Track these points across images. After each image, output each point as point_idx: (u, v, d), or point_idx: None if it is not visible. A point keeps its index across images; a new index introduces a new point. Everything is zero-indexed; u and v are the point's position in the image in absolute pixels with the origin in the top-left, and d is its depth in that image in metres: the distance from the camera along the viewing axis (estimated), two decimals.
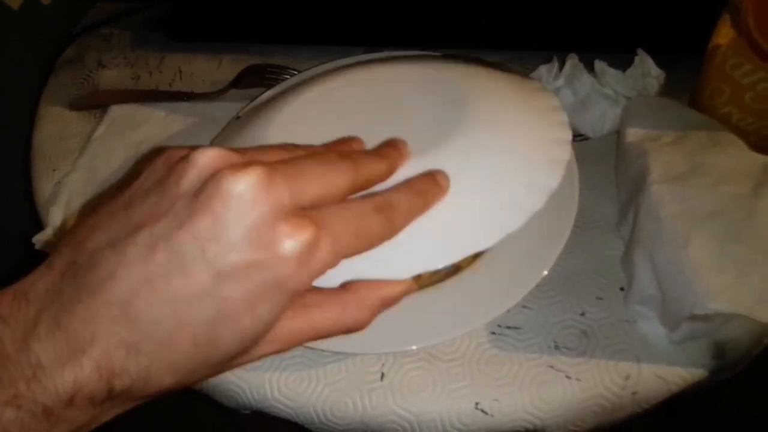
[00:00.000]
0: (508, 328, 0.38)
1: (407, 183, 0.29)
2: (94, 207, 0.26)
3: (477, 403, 0.35)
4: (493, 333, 0.38)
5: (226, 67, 0.56)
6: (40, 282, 0.23)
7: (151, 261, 0.22)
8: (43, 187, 0.50)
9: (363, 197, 0.27)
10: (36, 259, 0.44)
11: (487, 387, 0.36)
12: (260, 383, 0.37)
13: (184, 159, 0.24)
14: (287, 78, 0.52)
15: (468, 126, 0.34)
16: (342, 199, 0.26)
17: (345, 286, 0.28)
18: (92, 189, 0.48)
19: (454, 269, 0.38)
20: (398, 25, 0.56)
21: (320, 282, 0.25)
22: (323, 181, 0.25)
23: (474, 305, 0.36)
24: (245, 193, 0.22)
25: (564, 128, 0.36)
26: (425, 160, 0.31)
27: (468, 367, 0.37)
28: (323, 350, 0.37)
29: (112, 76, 0.57)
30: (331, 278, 0.26)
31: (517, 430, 0.36)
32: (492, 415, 0.35)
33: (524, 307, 0.38)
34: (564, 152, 0.34)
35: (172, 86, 0.56)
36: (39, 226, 0.47)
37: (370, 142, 0.32)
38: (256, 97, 0.49)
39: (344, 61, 0.50)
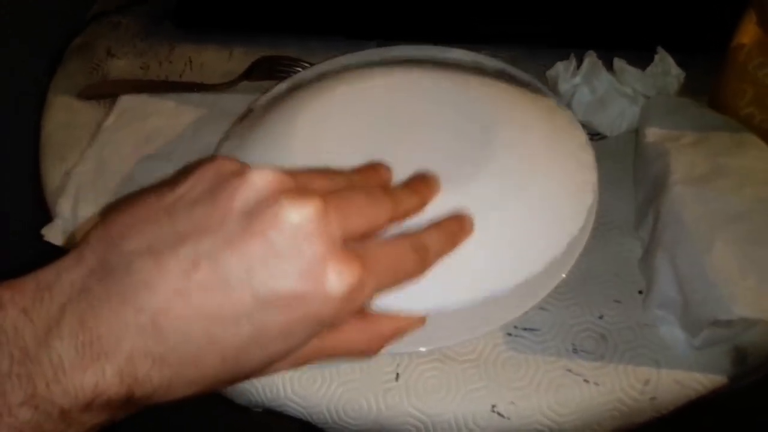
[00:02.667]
0: (525, 329, 0.37)
1: (438, 224, 0.30)
2: (128, 201, 0.25)
3: (493, 406, 0.35)
4: (510, 334, 0.37)
5: (237, 58, 0.55)
6: (66, 275, 0.22)
7: (191, 276, 0.22)
8: (52, 177, 0.49)
9: (401, 236, 0.28)
10: (44, 249, 0.43)
11: (504, 389, 0.35)
12: (273, 382, 0.37)
13: (239, 175, 0.24)
14: (299, 71, 0.51)
15: (497, 166, 0.35)
16: (379, 231, 0.27)
17: (364, 315, 0.28)
18: (101, 180, 0.48)
19: None
20: (412, 20, 0.55)
21: None
22: (369, 216, 0.26)
23: (491, 307, 0.35)
24: (303, 225, 0.23)
25: (591, 169, 0.37)
26: (453, 198, 0.32)
27: (484, 368, 0.36)
28: None
29: (121, 66, 0.57)
30: None
31: None
32: (508, 418, 0.35)
33: (541, 308, 0.38)
34: (588, 197, 0.36)
35: (182, 77, 0.55)
36: (47, 216, 0.47)
37: (398, 162, 0.33)
38: (268, 89, 0.48)
39: (363, 55, 0.49)
